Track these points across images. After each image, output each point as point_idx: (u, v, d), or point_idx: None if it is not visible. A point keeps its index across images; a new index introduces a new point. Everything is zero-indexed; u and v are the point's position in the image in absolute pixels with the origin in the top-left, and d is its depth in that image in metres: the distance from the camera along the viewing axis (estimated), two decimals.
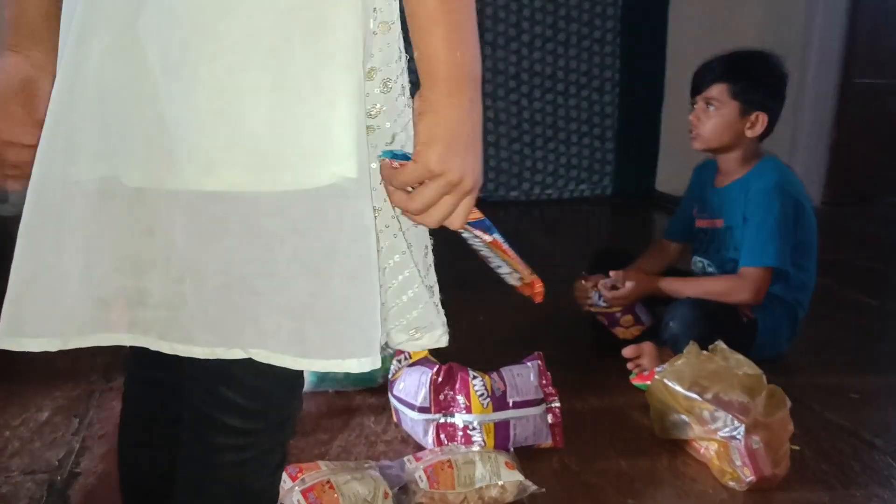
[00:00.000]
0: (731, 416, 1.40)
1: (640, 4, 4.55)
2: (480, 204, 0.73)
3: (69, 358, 1.75)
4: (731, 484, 1.40)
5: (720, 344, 1.55)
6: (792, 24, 4.58)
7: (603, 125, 4.67)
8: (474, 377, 1.46)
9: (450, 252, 0.96)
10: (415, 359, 1.60)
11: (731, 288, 1.94)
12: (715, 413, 1.42)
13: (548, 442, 1.53)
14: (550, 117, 4.59)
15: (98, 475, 1.41)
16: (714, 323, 1.84)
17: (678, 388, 1.50)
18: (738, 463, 1.38)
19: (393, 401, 1.57)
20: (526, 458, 1.49)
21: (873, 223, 4.17)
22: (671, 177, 4.58)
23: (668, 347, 1.89)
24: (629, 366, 1.93)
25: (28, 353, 0.71)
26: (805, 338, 2.10)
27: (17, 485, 1.37)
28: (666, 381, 1.53)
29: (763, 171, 1.99)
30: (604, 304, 2.07)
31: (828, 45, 4.54)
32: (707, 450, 1.46)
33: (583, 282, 2.13)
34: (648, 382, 1.81)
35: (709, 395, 1.45)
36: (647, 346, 1.94)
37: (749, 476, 1.37)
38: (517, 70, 4.48)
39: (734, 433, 1.39)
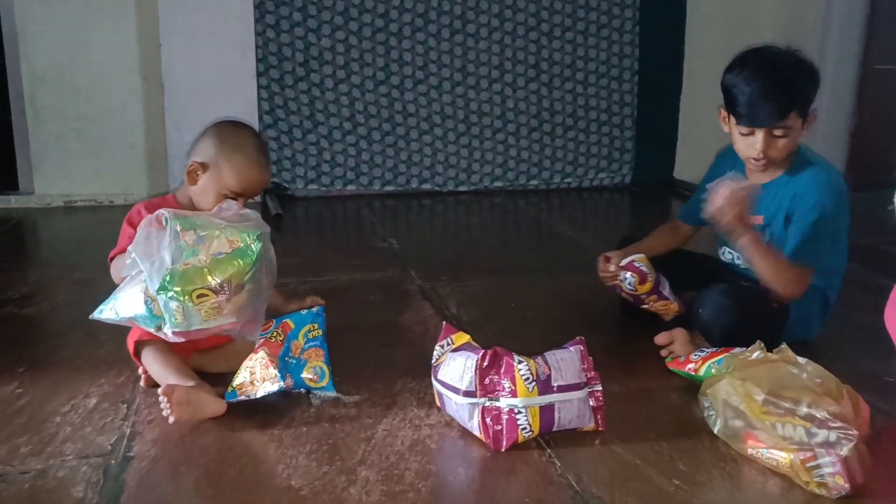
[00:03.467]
0: (833, 432, 1.33)
1: None
2: (501, 192, 0.75)
3: (112, 345, 1.79)
4: (819, 492, 1.35)
5: (785, 347, 1.52)
6: (811, 9, 4.57)
7: (622, 114, 4.68)
8: (520, 361, 1.48)
9: (484, 238, 0.97)
10: (458, 344, 1.62)
11: (792, 282, 1.89)
12: (812, 430, 1.35)
13: (590, 425, 1.54)
14: (570, 106, 4.60)
15: (151, 459, 1.44)
16: (745, 310, 1.85)
17: (758, 394, 1.43)
18: (829, 470, 1.33)
19: (437, 385, 1.59)
20: (569, 441, 1.52)
21: None
22: (690, 165, 4.59)
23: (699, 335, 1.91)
24: (662, 353, 1.95)
25: (71, 342, 0.73)
26: (834, 322, 2.12)
27: (73, 469, 1.40)
28: (745, 383, 1.46)
29: (804, 166, 1.94)
30: (630, 289, 2.08)
31: (847, 31, 4.53)
32: (773, 457, 1.41)
33: (606, 264, 2.13)
34: (683, 371, 1.83)
35: (801, 411, 1.37)
36: (679, 333, 1.95)
37: (843, 483, 1.32)
38: (537, 59, 4.49)
39: (832, 446, 1.33)
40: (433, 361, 1.63)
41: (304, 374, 1.70)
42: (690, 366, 1.81)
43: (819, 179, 1.91)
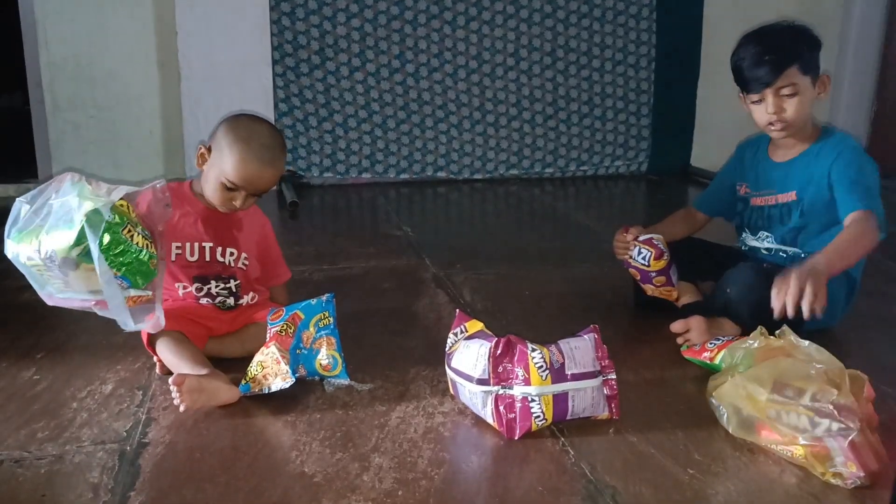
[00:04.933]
0: (835, 421, 1.33)
1: None
2: (517, 180, 0.74)
3: (127, 333, 1.80)
4: (835, 482, 1.33)
5: (786, 329, 1.53)
6: None
7: (639, 101, 4.64)
8: (533, 349, 1.48)
9: (499, 226, 0.97)
10: (471, 331, 1.61)
11: (865, 232, 1.80)
12: (815, 419, 1.35)
13: (605, 414, 1.54)
14: (586, 94, 4.57)
15: (167, 445, 1.45)
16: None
17: (761, 394, 1.43)
18: (840, 459, 1.32)
19: (450, 373, 1.59)
20: (583, 430, 1.51)
21: None
22: (706, 152, 4.56)
23: (722, 316, 1.90)
24: (678, 340, 1.93)
25: (89, 327, 0.73)
26: (856, 313, 2.09)
27: (89, 454, 1.41)
28: (747, 385, 1.45)
29: (831, 134, 2.02)
30: (642, 262, 2.08)
31: (868, 16, 4.46)
32: (788, 449, 1.40)
33: (624, 234, 2.13)
34: (699, 359, 1.82)
35: (805, 401, 1.37)
36: (695, 321, 1.94)
37: (857, 471, 1.31)
38: (553, 46, 4.46)
39: (838, 435, 1.32)
40: (447, 349, 1.62)
41: (318, 363, 1.70)
42: (706, 354, 1.80)
43: (848, 142, 1.99)
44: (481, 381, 1.50)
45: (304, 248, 2.17)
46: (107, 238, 1.45)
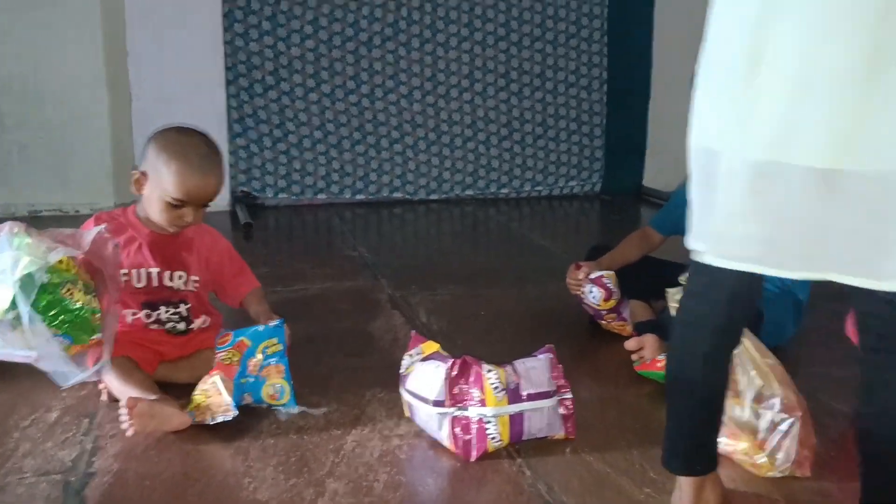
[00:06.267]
0: (780, 414, 1.40)
1: (627, 4, 4.60)
2: (472, 201, 0.75)
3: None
4: (771, 475, 1.41)
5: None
6: None
7: (591, 123, 4.71)
8: (489, 370, 1.47)
9: (455, 246, 0.97)
10: (427, 353, 1.61)
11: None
12: (759, 411, 1.42)
13: (560, 434, 1.54)
14: (540, 115, 4.62)
15: (114, 474, 1.41)
16: None
17: None
18: (782, 454, 1.39)
19: (405, 395, 1.58)
20: (540, 450, 1.51)
21: None
22: (659, 173, 4.63)
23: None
24: (633, 357, 1.95)
25: None
26: (805, 330, 2.13)
27: (31, 486, 1.36)
28: None
29: None
30: (593, 301, 2.13)
31: None
32: (730, 445, 1.45)
33: (576, 271, 2.17)
34: (653, 371, 1.84)
35: (750, 394, 1.43)
36: (649, 338, 1.95)
37: (789, 462, 1.39)
38: (507, 69, 4.51)
39: (781, 427, 1.39)
40: (402, 371, 1.61)
41: (263, 393, 1.67)
42: (659, 364, 1.82)
43: None
44: (437, 403, 1.49)
45: (258, 270, 2.13)
46: (44, 301, 1.44)
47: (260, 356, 1.66)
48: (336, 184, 4.37)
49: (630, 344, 1.97)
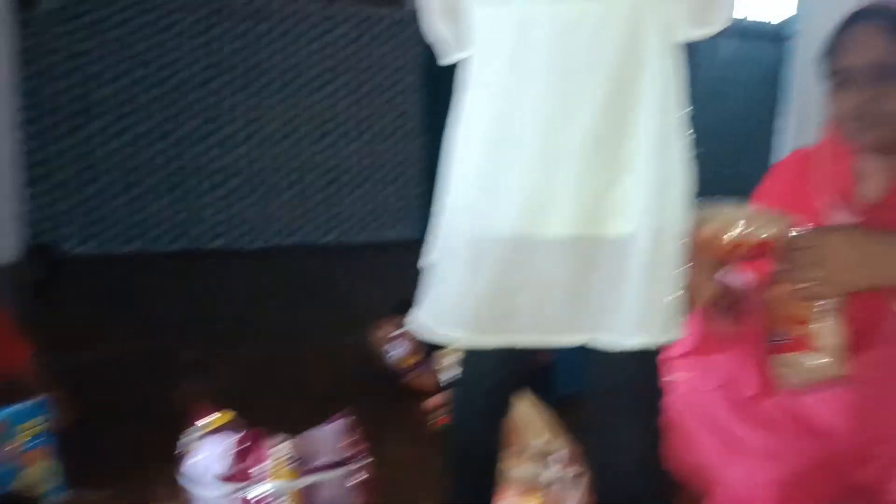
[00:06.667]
0: (564, 467, 1.45)
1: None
2: (293, 248, 0.74)
3: None
4: None
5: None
6: None
7: (407, 173, 4.80)
8: (279, 442, 1.44)
9: (269, 301, 0.94)
10: (217, 425, 1.54)
11: None
12: (544, 467, 1.46)
13: (358, 502, 1.52)
14: (356, 166, 4.66)
15: None
16: None
17: None
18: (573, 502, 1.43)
19: (187, 480, 1.48)
20: None
21: None
22: None
23: None
24: (435, 414, 1.97)
25: None
26: None
27: None
28: None
29: None
30: (398, 359, 2.17)
31: None
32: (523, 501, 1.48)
33: (380, 329, 2.19)
34: None
35: (535, 449, 1.48)
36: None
37: None
38: (324, 119, 4.53)
39: (564, 482, 1.44)
40: (184, 449, 1.51)
41: (28, 479, 1.52)
42: None
43: None
44: (227, 479, 1.42)
45: (47, 333, 1.96)
46: None
47: (19, 441, 1.50)
48: (150, 232, 4.18)
49: (434, 402, 1.99)
